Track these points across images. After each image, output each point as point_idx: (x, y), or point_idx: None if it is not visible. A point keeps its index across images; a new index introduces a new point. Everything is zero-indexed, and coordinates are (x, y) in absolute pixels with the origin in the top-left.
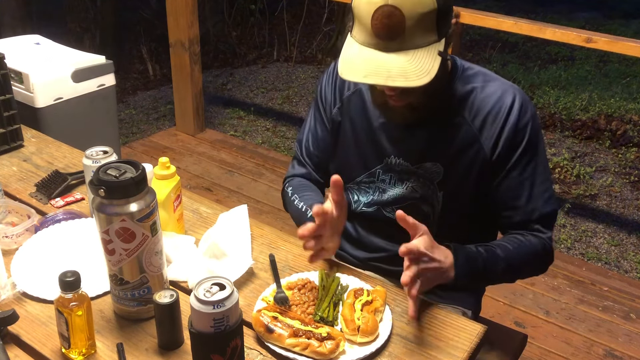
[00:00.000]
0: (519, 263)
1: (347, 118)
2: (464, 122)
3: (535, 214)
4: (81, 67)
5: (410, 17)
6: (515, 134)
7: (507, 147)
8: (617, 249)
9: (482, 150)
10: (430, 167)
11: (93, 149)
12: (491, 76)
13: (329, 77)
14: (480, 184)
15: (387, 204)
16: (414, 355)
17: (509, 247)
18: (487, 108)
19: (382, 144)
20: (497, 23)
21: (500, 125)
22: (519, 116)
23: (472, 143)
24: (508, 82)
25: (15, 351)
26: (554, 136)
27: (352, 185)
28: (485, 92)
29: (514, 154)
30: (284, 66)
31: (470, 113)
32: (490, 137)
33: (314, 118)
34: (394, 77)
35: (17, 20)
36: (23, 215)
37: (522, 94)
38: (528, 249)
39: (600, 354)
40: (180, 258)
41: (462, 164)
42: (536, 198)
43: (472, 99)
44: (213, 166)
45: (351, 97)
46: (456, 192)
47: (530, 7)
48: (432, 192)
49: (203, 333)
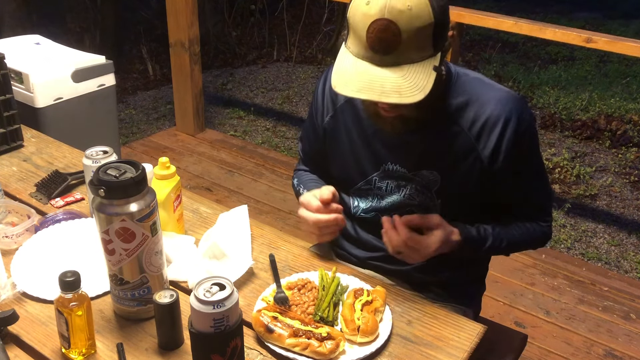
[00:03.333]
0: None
1: (342, 126)
2: (461, 131)
3: (536, 209)
4: (81, 67)
5: (406, 31)
6: (515, 143)
7: (508, 157)
8: (617, 249)
9: (479, 159)
10: (427, 175)
11: (93, 149)
12: (487, 83)
13: (323, 85)
14: (479, 192)
15: (385, 210)
16: (414, 355)
17: (514, 233)
18: (484, 116)
19: (378, 151)
20: (497, 23)
21: (499, 134)
22: (517, 126)
23: (469, 152)
24: (504, 89)
25: (15, 351)
26: (554, 136)
27: (352, 191)
28: (481, 100)
29: (517, 163)
30: (284, 66)
31: (468, 121)
32: (489, 146)
33: (309, 124)
34: (387, 93)
35: (17, 20)
36: (23, 215)
37: (519, 101)
38: (531, 235)
39: (600, 354)
40: (180, 258)
41: (459, 172)
42: (537, 196)
43: (468, 107)
44: (213, 166)
45: (344, 106)
46: (454, 200)
47: (530, 7)
48: (430, 199)
49: (203, 333)
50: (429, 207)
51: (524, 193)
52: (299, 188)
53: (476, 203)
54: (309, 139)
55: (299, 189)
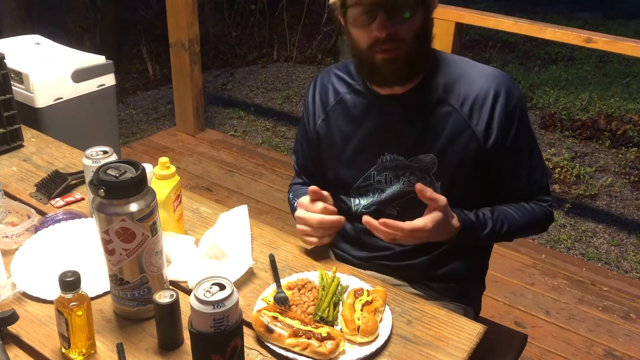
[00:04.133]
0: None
1: (335, 128)
2: (453, 110)
3: (535, 187)
4: (81, 67)
5: None
6: (507, 117)
7: (501, 131)
8: (617, 249)
9: (474, 136)
10: (424, 159)
11: (93, 149)
12: (472, 63)
13: (314, 90)
14: (476, 170)
15: (387, 202)
16: (414, 355)
17: (515, 216)
18: (474, 93)
19: (373, 143)
20: (497, 23)
21: (490, 109)
22: (507, 99)
23: (463, 130)
24: (490, 67)
25: (15, 351)
26: (554, 136)
27: (351, 191)
28: (470, 78)
29: (510, 137)
30: (284, 66)
31: (458, 100)
32: (482, 121)
33: (301, 134)
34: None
35: (17, 20)
36: (23, 215)
37: (506, 77)
38: (532, 216)
39: (600, 354)
40: (180, 258)
41: (455, 151)
42: (534, 173)
43: (458, 85)
44: (213, 166)
45: (335, 107)
46: (453, 182)
47: (530, 7)
48: (429, 184)
49: (203, 333)
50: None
51: (519, 170)
52: (294, 202)
53: (475, 184)
54: (302, 149)
55: (294, 202)
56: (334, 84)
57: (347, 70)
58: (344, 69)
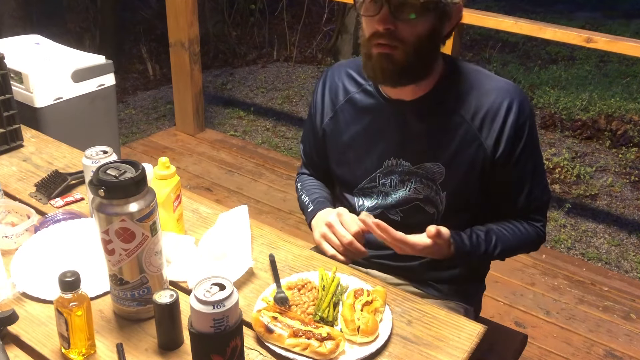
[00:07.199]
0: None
1: (343, 126)
2: (463, 121)
3: (533, 204)
4: (81, 67)
5: None
6: (516, 131)
7: (509, 145)
8: (618, 249)
9: (482, 148)
10: (431, 168)
11: (93, 149)
12: (486, 73)
13: (323, 86)
14: (482, 182)
15: (391, 207)
16: (414, 355)
17: (509, 237)
18: (486, 106)
19: (380, 146)
20: (497, 23)
21: (501, 124)
22: (518, 114)
23: (472, 142)
24: (504, 80)
25: (15, 351)
26: (554, 136)
27: (356, 191)
28: (483, 90)
29: (516, 151)
30: (284, 66)
31: (469, 112)
32: (492, 135)
33: (308, 126)
34: None
35: (17, 20)
36: (23, 215)
37: (519, 91)
38: (525, 238)
39: (600, 354)
40: (180, 258)
41: (463, 162)
42: (535, 189)
43: (470, 97)
44: (213, 166)
45: (344, 106)
46: (459, 192)
47: (530, 7)
48: (435, 192)
49: (203, 333)
50: (434, 200)
51: (521, 184)
52: (302, 194)
53: (479, 195)
54: (309, 140)
55: (301, 194)
56: (344, 83)
57: (358, 69)
58: (355, 68)
